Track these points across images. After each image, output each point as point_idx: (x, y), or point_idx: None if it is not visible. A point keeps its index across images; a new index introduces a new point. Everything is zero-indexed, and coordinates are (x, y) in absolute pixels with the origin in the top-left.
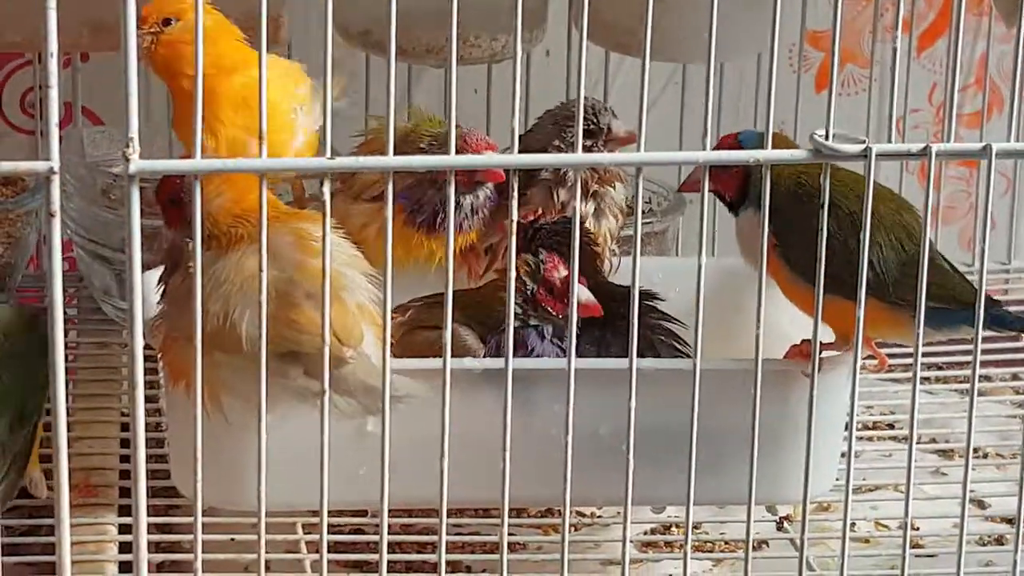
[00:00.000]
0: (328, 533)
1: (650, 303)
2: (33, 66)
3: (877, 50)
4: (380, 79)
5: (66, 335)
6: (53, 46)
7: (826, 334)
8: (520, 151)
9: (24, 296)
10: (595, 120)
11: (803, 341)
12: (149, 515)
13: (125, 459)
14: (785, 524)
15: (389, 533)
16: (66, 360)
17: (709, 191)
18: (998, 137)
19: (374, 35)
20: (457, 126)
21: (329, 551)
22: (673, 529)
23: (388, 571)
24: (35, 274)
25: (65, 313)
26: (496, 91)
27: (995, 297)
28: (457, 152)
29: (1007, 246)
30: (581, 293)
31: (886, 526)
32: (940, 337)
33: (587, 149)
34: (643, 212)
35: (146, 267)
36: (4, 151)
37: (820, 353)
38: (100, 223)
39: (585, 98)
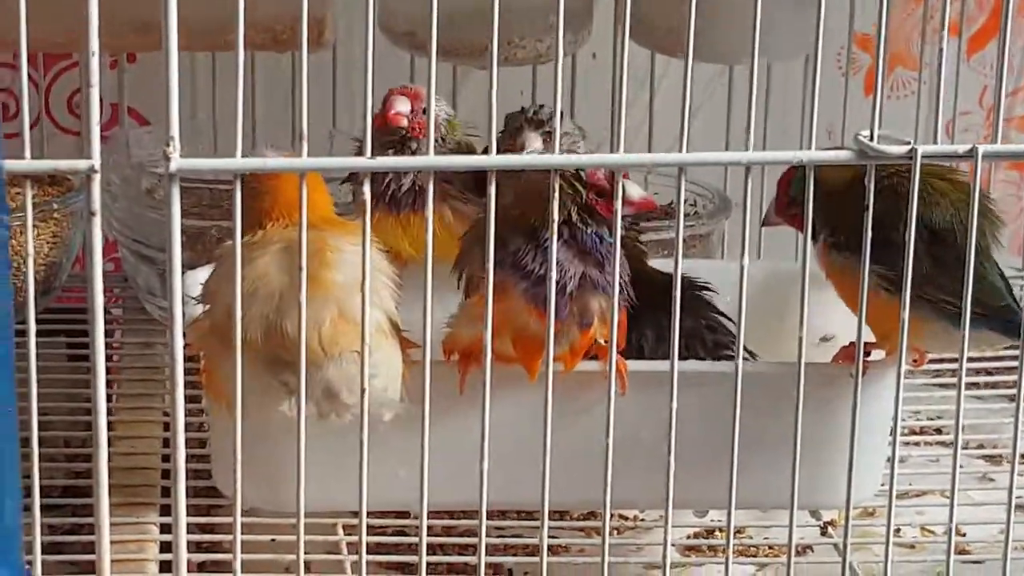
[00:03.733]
0: (369, 534)
1: (704, 296)
2: (79, 67)
3: (926, 53)
4: (425, 80)
5: (111, 335)
6: (95, 45)
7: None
8: None
9: (70, 295)
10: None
11: (851, 343)
12: (191, 515)
13: (168, 459)
14: (829, 529)
15: (431, 535)
16: (109, 359)
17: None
18: None
19: (418, 36)
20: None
21: (370, 552)
22: (716, 533)
23: (429, 573)
24: (81, 274)
25: (110, 313)
26: (541, 93)
27: None
28: None
29: None
30: (631, 189)
31: (932, 532)
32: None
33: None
34: (688, 214)
35: (188, 266)
36: (51, 152)
37: (867, 354)
38: (144, 223)
39: None
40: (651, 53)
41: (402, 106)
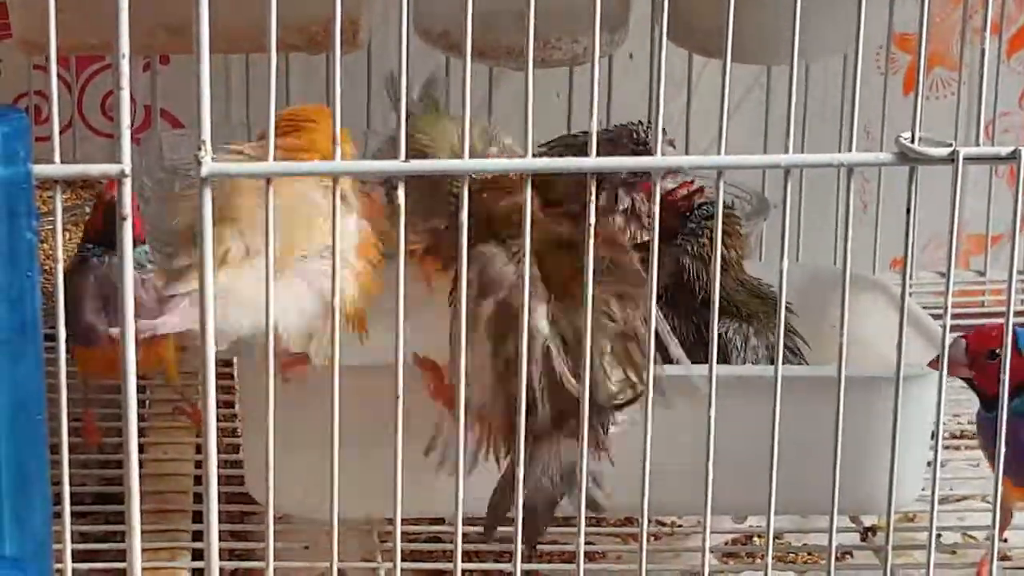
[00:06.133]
0: (404, 541)
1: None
2: (112, 69)
3: (966, 53)
4: (460, 81)
5: None
6: (125, 47)
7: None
8: None
9: None
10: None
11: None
12: (223, 522)
13: (200, 464)
14: (870, 534)
15: (466, 541)
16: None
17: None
18: None
19: (453, 37)
20: None
21: (404, 559)
22: (755, 539)
23: None
24: None
25: None
26: (578, 95)
27: None
28: None
29: None
30: None
31: (973, 537)
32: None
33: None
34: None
35: None
36: (84, 154)
37: None
38: None
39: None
40: (689, 54)
41: None
